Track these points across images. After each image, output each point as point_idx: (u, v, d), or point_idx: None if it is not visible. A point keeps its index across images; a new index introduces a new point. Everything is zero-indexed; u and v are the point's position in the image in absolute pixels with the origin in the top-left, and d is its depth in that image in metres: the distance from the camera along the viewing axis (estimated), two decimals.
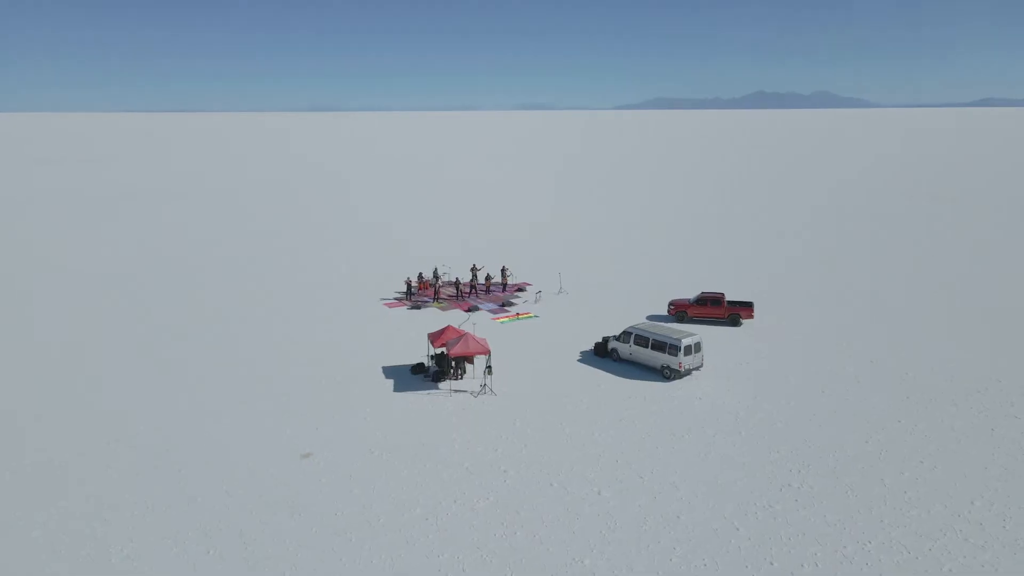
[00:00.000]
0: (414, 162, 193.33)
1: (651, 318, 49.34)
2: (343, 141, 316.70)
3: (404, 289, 55.16)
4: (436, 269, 58.78)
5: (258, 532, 24.56)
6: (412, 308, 52.18)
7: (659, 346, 38.39)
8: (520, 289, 57.11)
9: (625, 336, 40.39)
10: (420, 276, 56.69)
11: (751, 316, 47.44)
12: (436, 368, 38.37)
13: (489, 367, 37.00)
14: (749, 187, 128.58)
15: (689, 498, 26.68)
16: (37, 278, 61.54)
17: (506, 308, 52.07)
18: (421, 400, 35.59)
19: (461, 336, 37.16)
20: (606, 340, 41.75)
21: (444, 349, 37.75)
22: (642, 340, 39.33)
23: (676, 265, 66.29)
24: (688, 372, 38.50)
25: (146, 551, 23.50)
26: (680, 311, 48.57)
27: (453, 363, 38.03)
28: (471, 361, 38.85)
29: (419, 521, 25.21)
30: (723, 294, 48.60)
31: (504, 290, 56.60)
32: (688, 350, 37.81)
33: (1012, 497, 26.69)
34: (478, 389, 36.53)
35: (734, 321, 47.35)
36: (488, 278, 56.75)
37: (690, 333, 38.71)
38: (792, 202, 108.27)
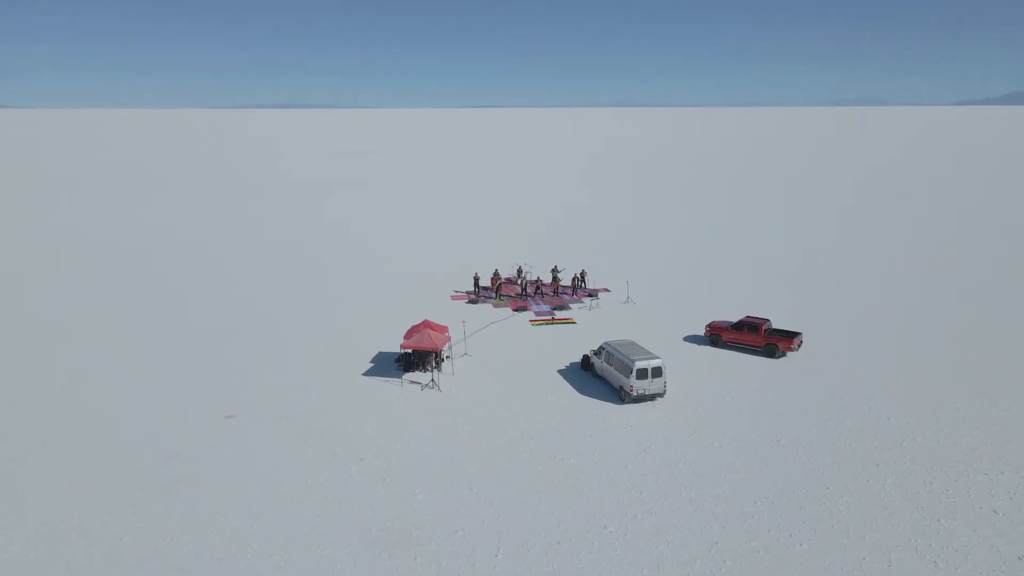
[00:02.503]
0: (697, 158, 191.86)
1: (687, 339, 46.11)
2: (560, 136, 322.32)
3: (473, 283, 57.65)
4: (520, 268, 60.45)
5: (110, 470, 29.54)
6: (469, 302, 54.62)
7: (620, 366, 36.51)
8: (590, 295, 56.36)
9: (599, 351, 38.90)
10: (496, 272, 58.61)
11: (790, 348, 42.03)
12: (411, 359, 40.67)
13: (438, 364, 38.33)
14: None
15: (489, 519, 26.12)
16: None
17: (554, 312, 52.07)
18: (372, 385, 38.26)
19: (419, 330, 39.03)
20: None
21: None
22: (609, 357, 37.66)
23: (814, 283, 59.59)
24: (649, 397, 36.03)
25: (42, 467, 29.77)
26: (714, 334, 44.67)
27: (434, 356, 40.13)
28: (438, 355, 40.49)
29: (240, 488, 28.20)
30: (765, 321, 43.62)
31: (574, 294, 56.35)
32: (642, 374, 35.47)
33: None
34: (428, 383, 38.18)
35: (770, 352, 42.38)
36: (555, 280, 56.94)
37: (653, 356, 36.17)
38: None
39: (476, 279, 56.94)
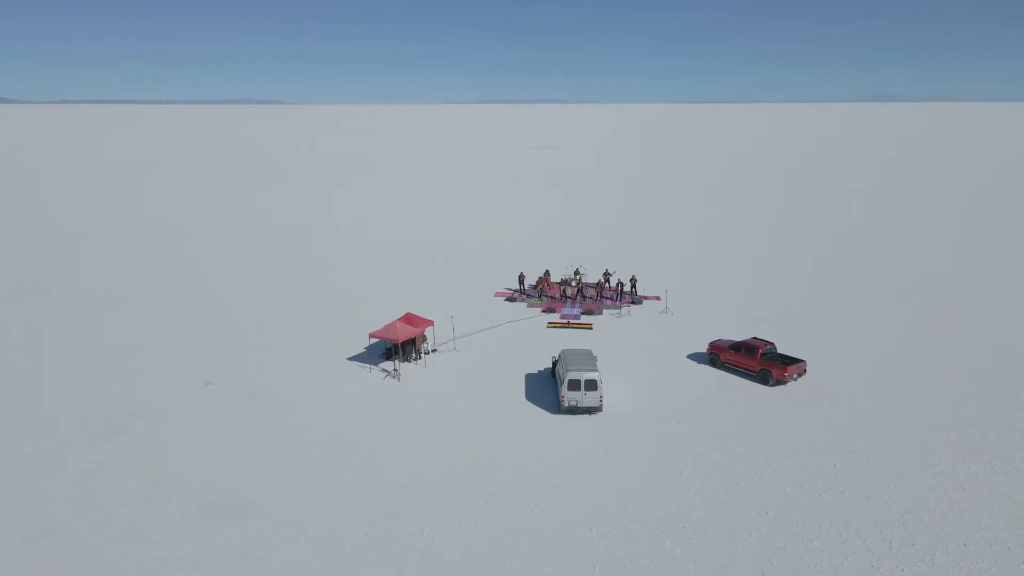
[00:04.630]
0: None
1: (691, 356, 43.44)
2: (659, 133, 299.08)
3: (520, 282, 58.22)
4: (577, 269, 60.11)
5: (76, 418, 34.76)
6: (507, 300, 55.48)
7: (560, 374, 35.82)
8: (634, 302, 54.60)
9: (557, 359, 38.28)
10: (547, 272, 58.63)
11: (783, 376, 38.14)
12: (393, 349, 42.77)
13: (400, 355, 40.08)
14: None
15: (333, 502, 27.45)
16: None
17: (580, 316, 51.33)
18: (348, 369, 40.83)
19: (392, 322, 40.99)
20: None
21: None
22: (560, 365, 36.99)
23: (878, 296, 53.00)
24: (584, 410, 34.97)
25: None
26: (713, 354, 41.70)
27: (415, 346, 42.14)
28: (417, 345, 42.12)
29: (157, 443, 32.07)
30: (764, 343, 39.89)
31: (617, 299, 54.96)
32: (574, 385, 34.53)
33: None
34: (391, 372, 40.07)
35: (763, 378, 38.84)
36: (599, 284, 55.87)
37: (591, 368, 34.93)
38: None
39: (521, 278, 57.53)
